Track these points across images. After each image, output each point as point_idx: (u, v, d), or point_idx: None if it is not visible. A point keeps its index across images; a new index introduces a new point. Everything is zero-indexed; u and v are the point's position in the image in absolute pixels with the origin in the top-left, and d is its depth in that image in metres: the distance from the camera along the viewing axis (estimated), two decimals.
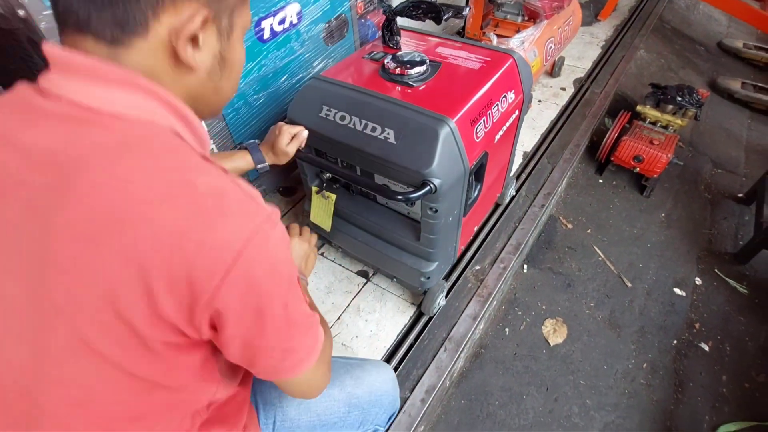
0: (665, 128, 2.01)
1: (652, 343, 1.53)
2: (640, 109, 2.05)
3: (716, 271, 1.77)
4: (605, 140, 2.05)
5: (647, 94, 2.09)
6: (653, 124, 2.03)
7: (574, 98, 2.39)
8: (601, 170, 2.17)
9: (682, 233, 1.91)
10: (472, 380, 1.40)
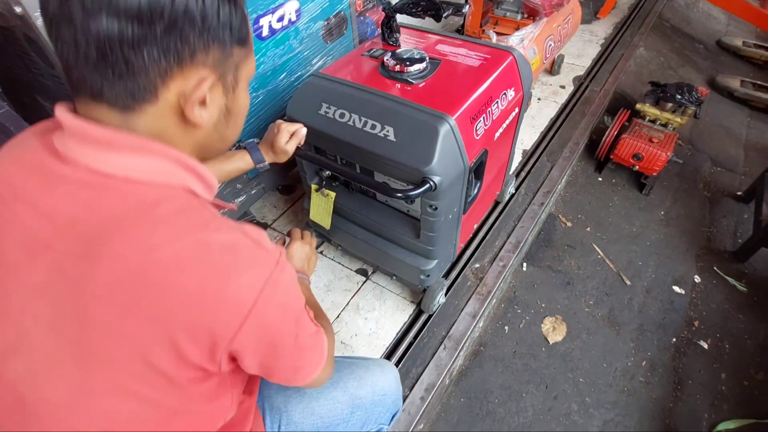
0: (664, 126, 2.01)
1: (651, 340, 1.53)
2: (639, 107, 2.05)
3: (715, 269, 1.78)
4: (605, 138, 2.05)
5: (647, 92, 2.09)
6: (653, 122, 2.03)
7: (573, 96, 2.38)
8: (600, 168, 2.17)
9: (681, 231, 1.91)
10: (471, 378, 1.40)
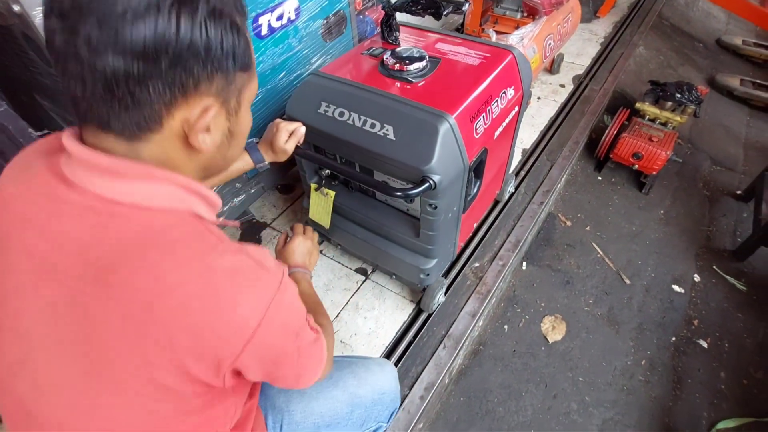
0: (664, 125, 2.01)
1: (650, 339, 1.53)
2: (639, 106, 2.05)
3: (715, 268, 1.78)
4: (604, 137, 2.05)
5: (646, 91, 2.09)
6: (652, 121, 2.03)
7: (573, 95, 2.38)
8: (600, 167, 2.17)
9: (680, 230, 1.91)
10: (471, 377, 1.40)
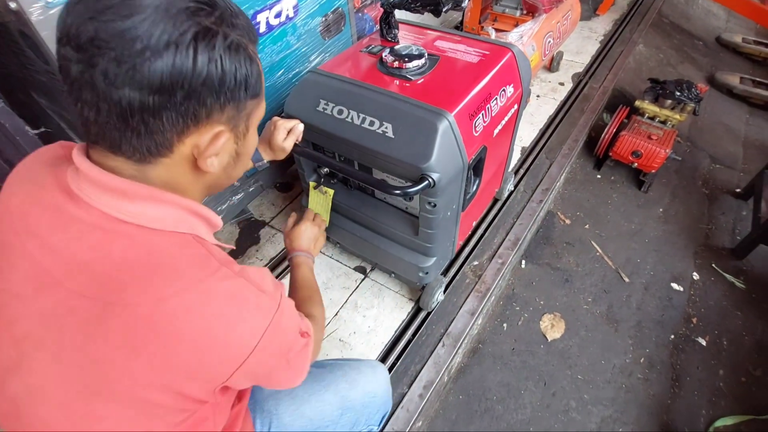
0: (664, 123, 2.01)
1: (649, 337, 1.53)
2: (638, 104, 2.05)
3: (714, 266, 1.78)
4: (603, 135, 2.05)
5: (646, 89, 2.08)
6: (652, 119, 2.03)
7: (572, 93, 2.38)
8: (599, 165, 2.17)
9: (679, 228, 1.91)
10: (470, 375, 1.40)
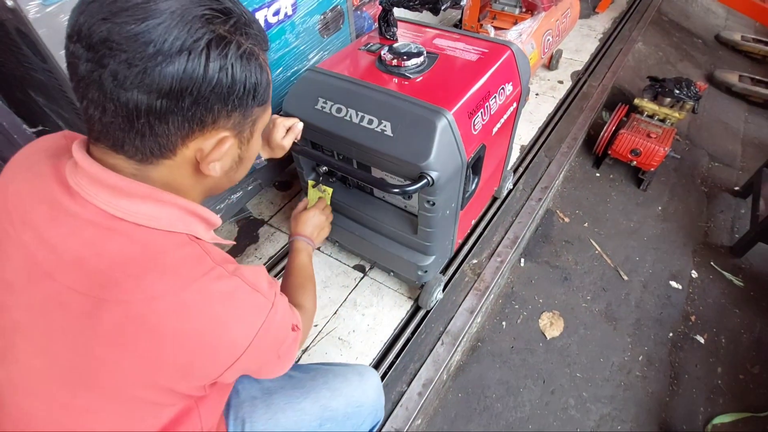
0: (663, 121, 2.01)
1: (648, 335, 1.54)
2: (637, 102, 2.05)
3: (712, 264, 1.78)
4: (602, 133, 2.05)
5: (645, 87, 2.08)
6: (651, 117, 2.03)
7: (571, 91, 2.38)
8: (598, 164, 2.17)
9: (678, 226, 1.91)
10: (469, 374, 1.40)
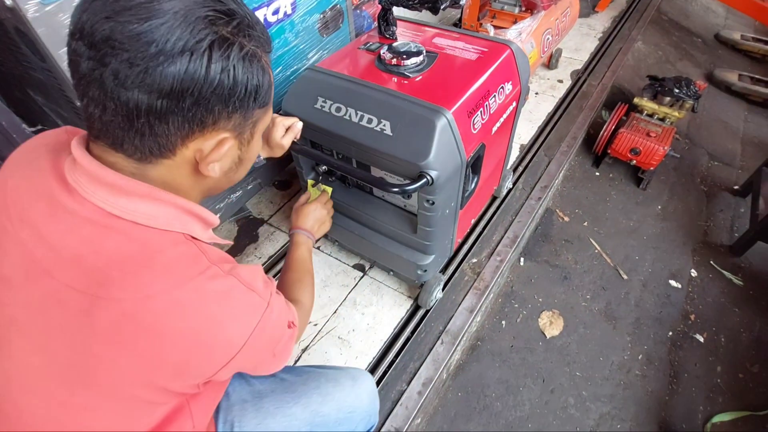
0: (662, 120, 2.01)
1: (647, 334, 1.54)
2: (637, 101, 2.05)
3: (712, 263, 1.78)
4: (602, 133, 2.05)
5: (644, 86, 2.08)
6: (650, 116, 2.03)
7: (571, 90, 2.37)
8: (597, 163, 2.17)
9: (678, 225, 1.91)
10: (468, 373, 1.40)
